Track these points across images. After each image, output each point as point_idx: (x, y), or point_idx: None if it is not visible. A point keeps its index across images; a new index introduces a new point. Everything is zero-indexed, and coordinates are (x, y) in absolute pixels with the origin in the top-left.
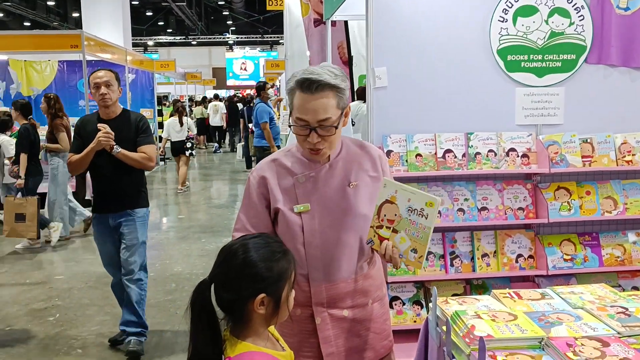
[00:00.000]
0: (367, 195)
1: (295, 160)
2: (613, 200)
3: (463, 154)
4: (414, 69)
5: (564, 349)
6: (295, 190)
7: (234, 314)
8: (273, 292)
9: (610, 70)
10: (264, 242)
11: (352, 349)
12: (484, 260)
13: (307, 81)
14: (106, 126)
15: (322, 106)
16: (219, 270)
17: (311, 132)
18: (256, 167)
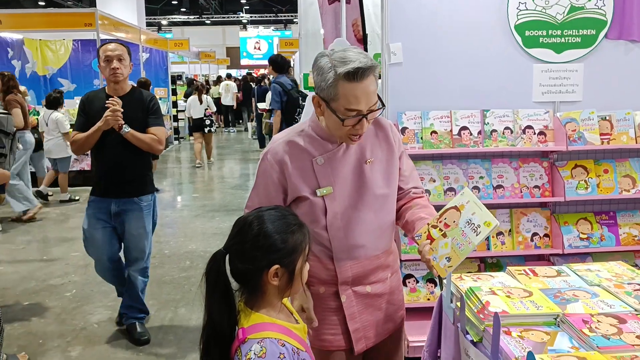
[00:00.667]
0: (382, 171)
1: (310, 140)
2: (631, 178)
3: (479, 131)
4: (430, 45)
5: (579, 326)
6: (315, 173)
7: (249, 284)
8: (287, 263)
9: (631, 46)
10: (279, 214)
11: (374, 322)
12: (499, 239)
13: (359, 70)
14: (117, 101)
15: (372, 91)
16: (234, 240)
17: (361, 120)
18: (270, 150)
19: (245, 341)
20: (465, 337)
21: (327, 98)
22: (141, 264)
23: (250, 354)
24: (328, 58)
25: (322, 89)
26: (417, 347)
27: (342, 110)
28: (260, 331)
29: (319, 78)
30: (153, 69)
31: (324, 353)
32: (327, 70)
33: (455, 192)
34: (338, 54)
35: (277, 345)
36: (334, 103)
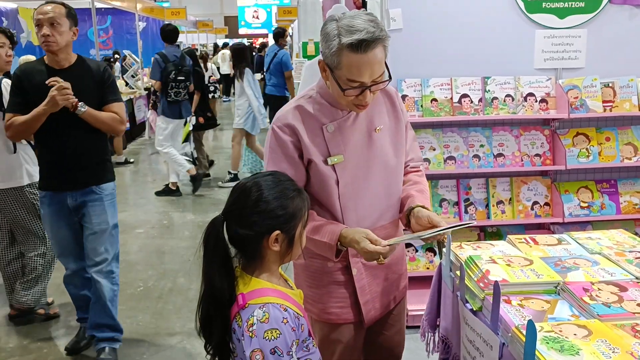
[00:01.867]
0: (391, 140)
1: (319, 107)
2: (633, 146)
3: (479, 98)
4: (430, 11)
5: (580, 294)
6: (326, 140)
7: (248, 250)
8: (287, 229)
9: (635, 11)
10: (278, 180)
11: (382, 292)
12: (499, 208)
13: (363, 42)
14: (58, 79)
15: (377, 63)
16: (234, 206)
17: (364, 91)
18: (278, 117)
19: (246, 307)
20: (465, 306)
21: (331, 65)
22: (106, 266)
23: (252, 319)
24: (336, 24)
25: (327, 56)
26: (417, 316)
27: (345, 80)
28: (261, 296)
29: (325, 44)
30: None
31: (331, 326)
32: (333, 38)
33: (456, 161)
34: (346, 21)
35: (280, 310)
36: (337, 71)
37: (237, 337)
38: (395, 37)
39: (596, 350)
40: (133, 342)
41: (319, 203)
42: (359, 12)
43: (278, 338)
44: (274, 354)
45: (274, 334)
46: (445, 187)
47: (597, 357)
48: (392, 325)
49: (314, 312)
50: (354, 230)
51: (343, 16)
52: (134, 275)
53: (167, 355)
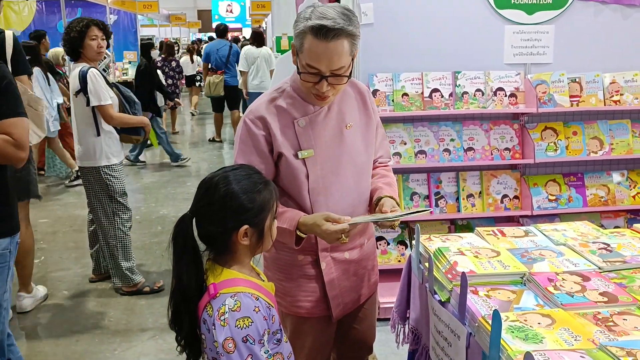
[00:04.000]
0: (361, 137)
1: (291, 101)
2: (599, 140)
3: (450, 93)
4: (401, 5)
5: (545, 284)
6: (297, 134)
7: (218, 246)
8: (256, 223)
9: (601, 7)
10: (245, 174)
11: (351, 287)
12: (469, 201)
13: (324, 28)
14: None
15: (336, 54)
16: (201, 203)
17: (321, 80)
18: (251, 109)
19: (217, 296)
20: (434, 297)
21: (297, 48)
22: None
23: (223, 308)
24: (312, 9)
25: (295, 37)
26: (388, 309)
27: (304, 64)
28: (233, 286)
29: (295, 25)
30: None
31: (301, 320)
32: (302, 20)
33: (426, 155)
34: (322, 9)
35: (252, 299)
36: (300, 55)
37: (207, 327)
38: (367, 31)
39: (559, 338)
40: (104, 338)
41: (289, 196)
42: (339, 5)
43: (250, 326)
44: (245, 342)
45: (246, 322)
46: (416, 180)
47: (559, 345)
48: (362, 319)
49: (283, 305)
50: (314, 215)
51: (321, 4)
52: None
53: (138, 351)
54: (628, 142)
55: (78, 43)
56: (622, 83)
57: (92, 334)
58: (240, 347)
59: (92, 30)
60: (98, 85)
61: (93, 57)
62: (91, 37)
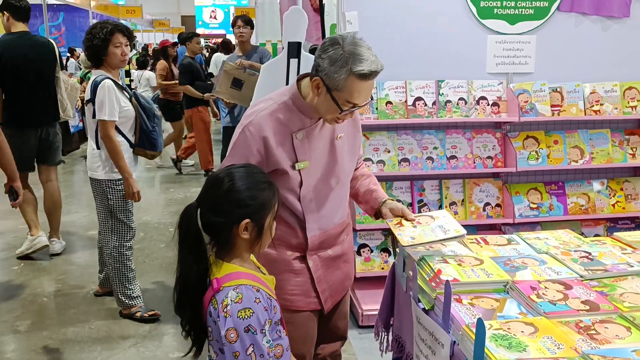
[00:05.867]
0: (349, 146)
1: (291, 115)
2: (580, 149)
3: (433, 102)
4: (386, 14)
5: (527, 292)
6: (294, 147)
7: (220, 237)
8: (257, 219)
9: (581, 19)
10: (249, 172)
11: (336, 281)
12: (452, 209)
13: (373, 73)
14: None
15: (371, 89)
16: (207, 195)
17: (353, 110)
18: (253, 122)
19: (220, 289)
20: (417, 305)
21: (331, 86)
22: None
23: (226, 300)
24: (341, 49)
25: (330, 78)
26: (371, 316)
27: (343, 101)
28: (235, 279)
29: (331, 68)
30: None
31: (286, 313)
32: (341, 64)
33: (410, 163)
34: (351, 48)
35: (253, 291)
36: (337, 93)
37: (213, 319)
38: None
39: (542, 347)
40: (85, 347)
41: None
42: (357, 40)
43: (251, 317)
44: (247, 332)
45: (247, 313)
46: (399, 188)
47: (542, 353)
48: (339, 309)
49: None
50: None
51: (344, 42)
52: (87, 278)
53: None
54: (608, 151)
55: (102, 51)
56: (602, 93)
57: (73, 341)
58: (243, 337)
59: (116, 37)
60: (107, 98)
61: (116, 65)
62: (115, 45)
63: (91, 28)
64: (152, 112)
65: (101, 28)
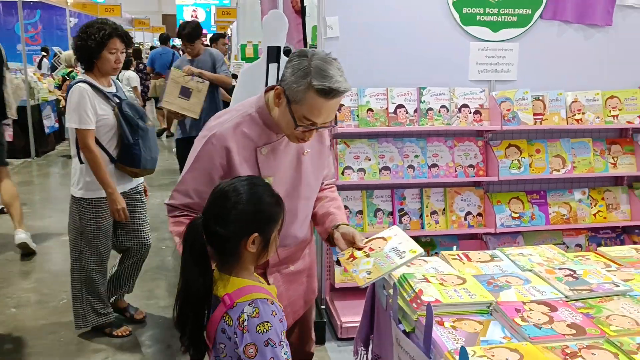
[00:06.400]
0: (315, 162)
1: (255, 128)
2: (562, 158)
3: (415, 109)
4: (367, 20)
5: (512, 315)
6: (258, 162)
7: (225, 250)
8: (265, 232)
9: (564, 27)
10: (255, 185)
11: (298, 296)
12: (433, 218)
13: (333, 92)
14: None
15: (333, 110)
16: (214, 207)
17: (312, 130)
18: (217, 134)
19: (235, 305)
20: (398, 327)
21: (291, 98)
22: None
23: (243, 316)
24: (307, 61)
25: (291, 89)
26: (351, 328)
27: (300, 116)
28: (247, 294)
29: (292, 78)
30: None
31: None
32: (303, 75)
33: (391, 171)
34: (318, 63)
35: (268, 304)
36: (296, 106)
37: (227, 335)
38: (332, 45)
39: None
40: None
41: None
42: (329, 58)
43: (270, 330)
44: (267, 345)
45: (266, 327)
46: (380, 197)
47: None
48: (302, 323)
49: None
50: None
51: (313, 55)
52: (58, 287)
53: None
54: (589, 160)
55: (94, 54)
56: (584, 102)
57: (40, 355)
58: (263, 351)
59: (113, 42)
60: (77, 104)
61: (107, 72)
62: (111, 50)
63: (86, 26)
64: (135, 124)
65: (98, 29)
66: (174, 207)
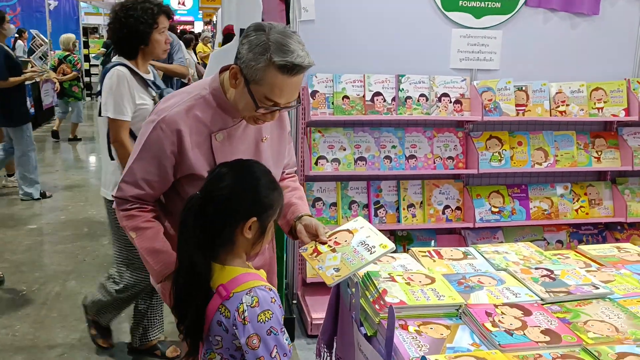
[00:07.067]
0: (275, 150)
1: (209, 111)
2: (544, 151)
3: (393, 97)
4: (345, 3)
5: (482, 319)
6: (213, 150)
7: (219, 235)
8: (263, 218)
9: (550, 15)
10: (256, 169)
11: None
12: (410, 211)
13: (296, 68)
14: None
15: (296, 88)
16: (215, 188)
17: (274, 111)
18: (165, 118)
19: (231, 296)
20: (359, 330)
21: (249, 77)
22: None
23: (242, 306)
24: (264, 36)
25: (249, 67)
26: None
27: (261, 97)
28: (243, 282)
29: (249, 55)
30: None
31: None
32: (261, 51)
33: (366, 162)
34: (277, 37)
35: (266, 291)
36: (255, 86)
37: (224, 328)
38: (307, 28)
39: None
40: (6, 356)
41: None
42: (288, 31)
43: (272, 318)
44: (270, 334)
45: (267, 315)
46: (355, 188)
47: None
48: None
49: None
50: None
51: (271, 29)
52: (18, 277)
53: None
54: (573, 154)
55: (145, 39)
56: (568, 93)
57: None
58: (266, 340)
59: (161, 21)
60: (116, 91)
61: (159, 55)
62: (160, 31)
63: (126, 8)
64: None
65: (143, 10)
66: (123, 200)
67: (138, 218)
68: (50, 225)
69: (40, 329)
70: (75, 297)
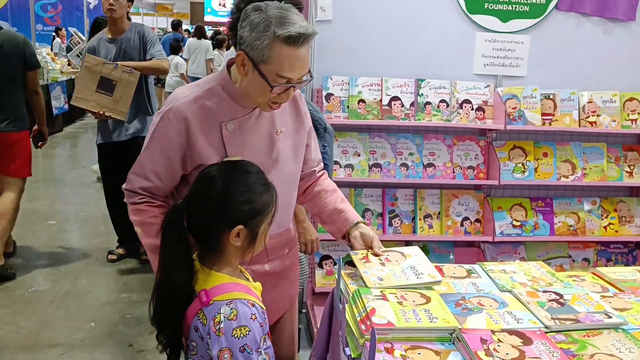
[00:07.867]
0: (292, 144)
1: (220, 102)
2: (572, 164)
3: (411, 102)
4: (364, 3)
5: (475, 347)
6: (224, 140)
7: (207, 242)
8: (251, 225)
9: (582, 20)
10: (246, 171)
11: (270, 300)
12: (427, 222)
13: (301, 37)
14: None
15: (305, 60)
16: (197, 194)
17: (289, 89)
18: (173, 108)
19: (210, 303)
20: (344, 350)
21: (257, 59)
22: None
23: (219, 316)
24: (263, 14)
25: (254, 48)
26: None
27: (273, 75)
28: (226, 292)
29: (252, 35)
30: None
31: None
32: (263, 29)
33: (382, 169)
34: (276, 12)
35: (248, 306)
36: (264, 66)
37: (199, 335)
38: (324, 29)
39: None
40: (6, 354)
41: None
42: (285, 5)
43: (247, 335)
44: (243, 351)
45: (243, 332)
46: (369, 196)
47: None
48: (280, 331)
49: None
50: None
51: (267, 7)
52: (30, 274)
53: None
54: (602, 167)
55: None
56: (600, 103)
57: None
58: (238, 357)
59: None
60: None
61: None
62: None
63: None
64: None
65: None
66: (132, 192)
67: (145, 213)
68: (68, 222)
69: (44, 327)
70: (84, 296)
